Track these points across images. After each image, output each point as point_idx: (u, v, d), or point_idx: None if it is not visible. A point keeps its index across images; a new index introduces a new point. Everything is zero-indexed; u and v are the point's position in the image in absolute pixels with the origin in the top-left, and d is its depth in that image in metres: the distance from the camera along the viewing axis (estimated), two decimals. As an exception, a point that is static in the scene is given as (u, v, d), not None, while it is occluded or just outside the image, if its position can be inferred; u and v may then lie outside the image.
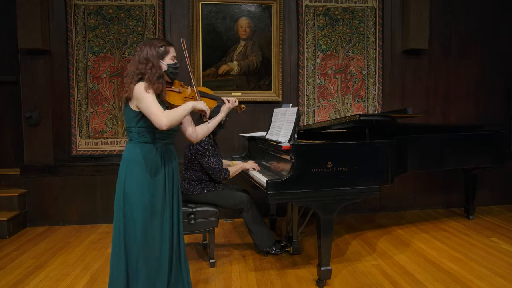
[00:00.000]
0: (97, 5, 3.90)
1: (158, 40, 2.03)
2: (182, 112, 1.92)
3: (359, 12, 4.22)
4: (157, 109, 1.86)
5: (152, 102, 1.87)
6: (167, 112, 1.87)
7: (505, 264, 2.88)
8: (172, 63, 2.05)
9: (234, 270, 2.83)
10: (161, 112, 1.86)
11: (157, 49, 1.99)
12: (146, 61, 1.95)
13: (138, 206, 1.94)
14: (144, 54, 1.97)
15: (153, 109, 1.86)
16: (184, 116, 1.95)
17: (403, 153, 3.09)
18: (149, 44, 2.00)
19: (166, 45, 2.03)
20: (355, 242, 3.40)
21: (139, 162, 1.96)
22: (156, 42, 2.01)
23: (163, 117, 1.84)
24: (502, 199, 4.60)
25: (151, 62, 1.95)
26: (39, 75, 3.86)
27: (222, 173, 2.84)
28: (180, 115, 1.91)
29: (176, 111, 1.90)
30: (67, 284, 2.62)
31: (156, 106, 1.87)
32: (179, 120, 1.92)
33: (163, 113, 1.86)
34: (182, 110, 1.93)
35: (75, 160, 3.99)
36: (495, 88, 4.52)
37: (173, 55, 2.06)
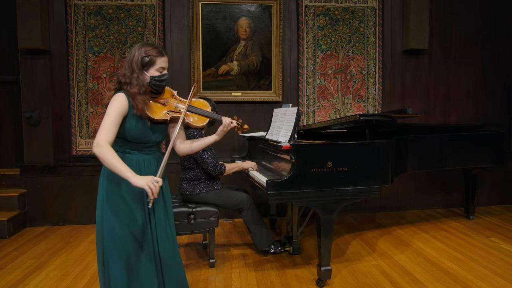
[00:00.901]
0: (97, 5, 3.90)
1: (148, 47, 1.83)
2: (113, 167, 1.66)
3: (359, 12, 4.22)
4: (104, 130, 1.68)
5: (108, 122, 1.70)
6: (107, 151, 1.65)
7: (505, 264, 2.88)
8: (157, 76, 1.83)
9: (234, 270, 2.83)
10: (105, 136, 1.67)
11: (142, 58, 1.80)
12: (129, 69, 1.81)
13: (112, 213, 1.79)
14: (130, 59, 1.82)
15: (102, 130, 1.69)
16: (112, 170, 1.68)
17: (403, 153, 3.09)
18: (138, 49, 1.82)
19: (153, 55, 1.82)
20: (355, 242, 3.40)
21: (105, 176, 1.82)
22: (145, 49, 1.81)
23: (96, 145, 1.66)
24: (502, 199, 4.61)
25: (135, 72, 1.80)
26: (39, 75, 3.86)
27: (217, 167, 2.81)
28: (107, 164, 1.66)
29: (109, 158, 1.65)
30: (67, 284, 2.62)
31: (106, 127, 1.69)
32: (105, 164, 1.68)
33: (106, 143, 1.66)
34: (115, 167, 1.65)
35: (75, 160, 3.99)
36: (495, 88, 4.52)
37: (160, 67, 1.84)
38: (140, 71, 1.81)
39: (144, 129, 1.84)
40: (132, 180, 1.64)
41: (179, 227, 2.77)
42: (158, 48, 1.85)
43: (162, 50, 1.86)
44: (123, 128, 1.77)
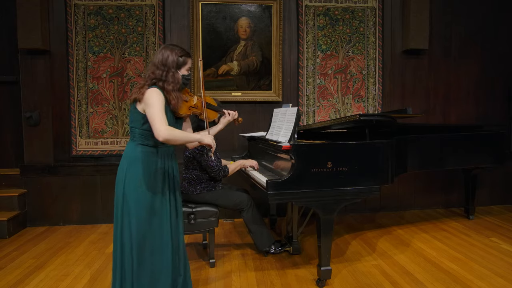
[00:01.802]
0: (97, 5, 3.90)
1: (179, 49, 2.05)
2: (184, 138, 1.96)
3: (359, 12, 4.22)
4: (161, 119, 1.86)
5: (158, 111, 1.87)
6: (171, 130, 1.87)
7: (505, 264, 2.88)
8: (187, 74, 2.08)
9: (234, 270, 2.83)
10: (164, 123, 1.86)
11: (177, 58, 2.01)
12: (164, 68, 1.98)
13: (137, 205, 1.95)
14: (164, 59, 1.99)
15: (157, 119, 1.86)
16: (185, 142, 1.99)
17: (403, 153, 3.09)
18: (171, 50, 2.02)
19: (185, 55, 2.05)
20: (355, 242, 3.40)
21: (140, 162, 1.97)
22: (178, 50, 2.03)
23: (165, 130, 1.85)
24: (502, 199, 4.61)
25: (171, 71, 1.99)
26: (39, 75, 3.86)
27: (221, 170, 2.82)
28: (181, 139, 1.93)
29: (180, 134, 1.92)
30: (67, 284, 2.62)
31: (160, 115, 1.87)
32: (177, 142, 1.93)
33: (166, 127, 1.86)
34: (186, 137, 1.97)
35: (75, 160, 3.99)
36: (495, 88, 4.52)
37: (189, 67, 2.09)
38: (176, 70, 2.01)
39: (173, 122, 2.03)
40: (203, 138, 2.02)
41: (179, 227, 2.78)
42: (186, 50, 2.10)
43: (189, 52, 2.15)
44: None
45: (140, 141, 2.00)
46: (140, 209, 1.96)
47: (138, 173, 1.97)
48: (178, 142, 1.93)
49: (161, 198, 2.03)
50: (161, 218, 2.02)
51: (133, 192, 1.96)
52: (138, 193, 1.96)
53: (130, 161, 1.99)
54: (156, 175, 2.01)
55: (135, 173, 1.97)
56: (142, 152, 1.99)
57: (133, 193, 1.96)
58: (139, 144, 2.00)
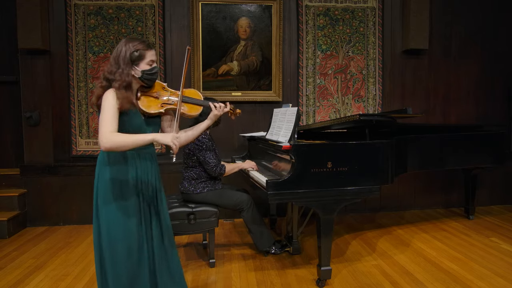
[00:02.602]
0: (97, 5, 3.90)
1: (136, 42, 1.82)
2: (132, 142, 1.70)
3: (359, 12, 4.22)
4: (108, 123, 1.69)
5: (106, 117, 1.70)
6: (117, 136, 1.68)
7: (505, 264, 2.88)
8: (148, 69, 1.84)
9: (234, 270, 2.83)
10: (111, 129, 1.68)
11: (131, 54, 1.80)
12: (116, 65, 1.80)
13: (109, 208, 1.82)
14: (117, 55, 1.82)
15: (104, 123, 1.69)
16: (136, 146, 1.73)
17: (403, 153, 3.09)
18: (125, 44, 1.82)
19: (142, 49, 1.82)
20: (355, 242, 3.40)
21: (108, 166, 1.83)
22: (132, 44, 1.81)
23: (108, 137, 1.66)
24: (502, 199, 4.60)
25: (121, 68, 1.79)
26: (39, 75, 3.86)
27: (217, 167, 2.82)
28: (127, 144, 1.69)
29: (124, 139, 1.69)
30: (67, 284, 2.62)
31: (109, 120, 1.70)
32: (125, 148, 1.71)
33: (111, 133, 1.67)
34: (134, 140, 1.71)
35: (75, 160, 3.99)
36: (495, 88, 4.52)
37: (150, 60, 1.84)
38: (128, 66, 1.80)
39: (140, 123, 1.85)
40: (158, 138, 1.73)
41: (179, 227, 2.78)
42: (145, 41, 1.85)
43: (149, 43, 1.87)
44: (120, 123, 1.77)
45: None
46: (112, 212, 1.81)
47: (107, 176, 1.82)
48: (126, 148, 1.71)
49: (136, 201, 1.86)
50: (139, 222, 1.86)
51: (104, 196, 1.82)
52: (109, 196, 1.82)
53: (100, 164, 1.85)
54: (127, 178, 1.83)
55: (105, 177, 1.83)
56: (108, 155, 1.83)
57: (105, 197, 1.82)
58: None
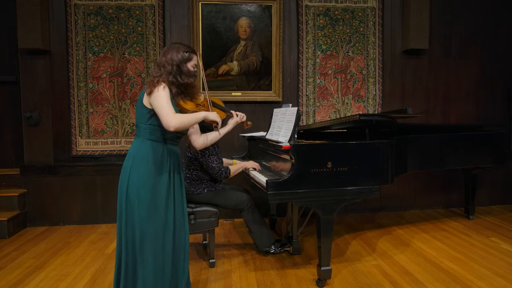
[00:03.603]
0: (97, 5, 3.90)
1: (184, 45, 2.10)
2: (192, 119, 1.97)
3: (359, 12, 4.22)
4: (169, 109, 1.89)
5: (166, 102, 1.90)
6: (178, 115, 1.90)
7: (505, 264, 2.88)
8: (192, 71, 2.11)
9: (234, 270, 2.83)
10: (172, 113, 1.89)
11: (183, 53, 2.05)
12: (173, 63, 2.02)
13: (140, 203, 1.95)
14: (172, 56, 2.03)
15: (165, 109, 1.88)
16: (194, 123, 2.00)
17: (403, 153, 3.09)
18: (177, 48, 2.06)
19: (190, 51, 2.09)
20: (355, 242, 3.40)
21: (145, 159, 1.97)
22: (183, 46, 2.08)
23: (174, 118, 1.87)
24: (502, 199, 4.61)
25: (182, 65, 2.04)
26: (39, 75, 3.86)
27: (222, 172, 2.83)
28: (190, 121, 1.95)
29: (187, 117, 1.94)
30: (67, 284, 2.62)
31: (169, 106, 1.90)
32: (188, 126, 1.96)
33: (174, 115, 1.88)
34: (193, 117, 1.97)
35: (75, 160, 3.99)
36: (495, 88, 4.52)
37: (194, 63, 2.12)
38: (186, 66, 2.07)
39: None
40: (206, 114, 2.04)
41: (179, 227, 2.78)
42: (190, 46, 2.15)
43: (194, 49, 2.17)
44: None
45: (146, 137, 2.00)
46: (142, 208, 1.95)
47: (142, 170, 1.96)
48: (188, 125, 1.96)
49: (166, 196, 2.02)
50: (165, 218, 2.01)
51: (136, 191, 1.95)
52: (142, 191, 1.95)
53: (135, 157, 1.99)
54: (161, 173, 2.00)
55: (140, 170, 1.96)
56: (148, 148, 1.99)
57: (136, 192, 1.95)
58: (144, 139, 2.01)
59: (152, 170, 1.97)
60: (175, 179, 2.09)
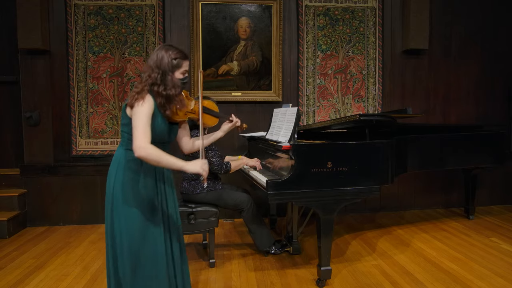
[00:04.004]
0: (97, 5, 3.90)
1: (174, 50, 1.87)
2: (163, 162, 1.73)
3: (359, 12, 4.22)
4: (143, 132, 1.71)
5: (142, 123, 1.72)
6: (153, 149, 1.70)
7: (505, 264, 2.88)
8: (182, 78, 1.90)
9: (234, 270, 2.83)
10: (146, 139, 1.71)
11: (171, 60, 1.84)
12: (158, 70, 1.83)
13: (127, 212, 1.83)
14: (159, 60, 1.84)
15: (139, 131, 1.71)
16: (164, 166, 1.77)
17: (403, 153, 3.09)
18: (165, 51, 1.86)
19: (180, 58, 1.88)
20: (355, 242, 3.40)
21: (128, 168, 1.85)
22: (172, 52, 1.86)
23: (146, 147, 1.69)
24: (502, 199, 4.60)
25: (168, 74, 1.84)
26: (39, 75, 3.86)
27: (222, 166, 2.80)
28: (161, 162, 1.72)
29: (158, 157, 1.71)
30: (67, 284, 2.62)
31: (144, 129, 1.72)
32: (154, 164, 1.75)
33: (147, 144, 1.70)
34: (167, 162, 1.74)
35: (75, 160, 3.99)
36: (495, 88, 4.52)
37: (184, 70, 1.91)
38: (172, 73, 1.86)
39: (166, 128, 1.90)
40: (187, 167, 1.77)
41: (179, 227, 2.78)
42: (183, 51, 1.92)
43: (187, 54, 1.93)
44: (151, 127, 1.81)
45: (128, 146, 1.83)
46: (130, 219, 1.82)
47: (126, 178, 1.84)
48: (155, 164, 1.74)
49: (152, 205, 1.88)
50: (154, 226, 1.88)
51: (122, 198, 1.83)
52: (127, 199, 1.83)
53: (119, 165, 1.87)
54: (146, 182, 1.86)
55: (124, 178, 1.84)
56: (130, 157, 1.82)
57: (122, 199, 1.83)
58: (127, 149, 1.85)
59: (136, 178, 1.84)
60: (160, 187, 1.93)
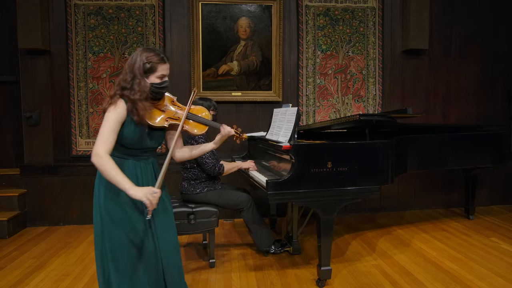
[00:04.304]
0: (97, 5, 3.90)
1: (151, 53, 1.77)
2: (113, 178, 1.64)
3: (359, 12, 4.22)
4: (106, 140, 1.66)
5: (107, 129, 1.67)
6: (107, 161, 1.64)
7: (505, 264, 2.88)
8: (157, 83, 1.78)
9: (234, 270, 2.83)
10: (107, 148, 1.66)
11: (143, 64, 1.74)
12: (131, 74, 1.75)
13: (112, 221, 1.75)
14: (132, 63, 1.77)
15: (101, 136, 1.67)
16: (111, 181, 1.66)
17: (403, 153, 3.09)
18: (140, 54, 1.77)
19: (155, 62, 1.76)
20: (355, 242, 3.40)
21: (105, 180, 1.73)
22: (146, 55, 1.76)
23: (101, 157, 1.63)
24: (502, 199, 4.60)
25: (137, 78, 1.74)
26: (39, 75, 3.86)
27: (216, 167, 2.80)
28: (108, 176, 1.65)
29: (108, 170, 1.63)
30: (67, 284, 2.62)
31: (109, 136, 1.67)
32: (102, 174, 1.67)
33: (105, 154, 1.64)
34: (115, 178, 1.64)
35: (75, 160, 3.99)
36: (495, 88, 4.52)
37: (161, 74, 1.79)
38: (142, 77, 1.75)
39: (141, 134, 1.79)
40: (130, 193, 1.62)
41: (179, 227, 2.76)
42: (160, 54, 1.79)
43: (164, 57, 1.80)
44: (120, 134, 1.73)
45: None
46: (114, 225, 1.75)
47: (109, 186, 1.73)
48: (103, 175, 1.66)
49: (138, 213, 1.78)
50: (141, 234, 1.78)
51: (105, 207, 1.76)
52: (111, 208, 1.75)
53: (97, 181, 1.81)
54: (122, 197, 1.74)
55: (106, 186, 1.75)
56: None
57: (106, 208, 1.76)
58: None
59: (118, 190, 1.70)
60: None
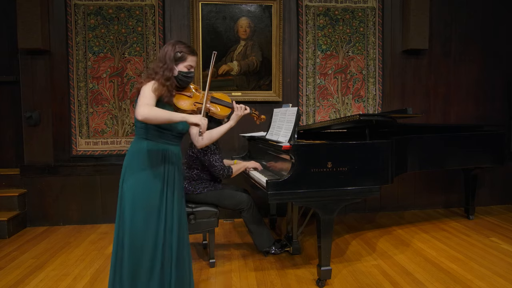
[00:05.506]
0: (97, 5, 3.90)
1: (182, 45, 2.05)
2: (166, 116, 1.84)
3: (359, 12, 4.22)
4: (146, 100, 1.84)
5: (146, 94, 1.86)
6: (152, 108, 1.82)
7: (505, 264, 2.88)
8: (184, 71, 2.05)
9: (234, 270, 2.83)
10: (149, 102, 1.84)
11: (175, 53, 2.01)
12: (163, 62, 2.00)
13: (134, 202, 1.92)
14: (164, 52, 2.02)
15: (142, 99, 1.85)
16: (165, 120, 1.85)
17: (403, 153, 3.09)
18: (172, 45, 2.03)
19: (186, 52, 2.03)
20: (355, 242, 3.40)
21: (139, 158, 1.96)
22: (178, 46, 2.03)
23: (145, 108, 1.79)
24: (502, 199, 4.61)
25: (166, 64, 1.99)
26: (39, 75, 3.86)
27: (224, 170, 2.82)
28: (161, 117, 1.82)
29: (161, 112, 1.83)
30: (67, 284, 2.62)
31: (147, 99, 1.85)
32: (158, 120, 1.83)
33: (148, 106, 1.81)
34: (167, 115, 1.85)
35: (75, 160, 3.99)
36: (495, 88, 4.52)
37: (189, 64, 2.05)
38: (171, 64, 2.00)
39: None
40: (187, 118, 1.86)
41: (179, 227, 2.78)
42: (191, 47, 2.08)
43: (194, 50, 2.09)
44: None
45: (140, 135, 1.99)
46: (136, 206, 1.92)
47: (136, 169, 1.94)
48: (157, 120, 1.82)
49: (160, 197, 1.97)
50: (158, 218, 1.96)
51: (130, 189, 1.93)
52: (136, 190, 1.93)
53: (131, 156, 1.98)
54: (155, 173, 1.96)
55: (134, 169, 1.95)
56: (142, 147, 1.97)
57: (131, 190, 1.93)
58: (139, 138, 1.99)
59: (146, 169, 1.94)
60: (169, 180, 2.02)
